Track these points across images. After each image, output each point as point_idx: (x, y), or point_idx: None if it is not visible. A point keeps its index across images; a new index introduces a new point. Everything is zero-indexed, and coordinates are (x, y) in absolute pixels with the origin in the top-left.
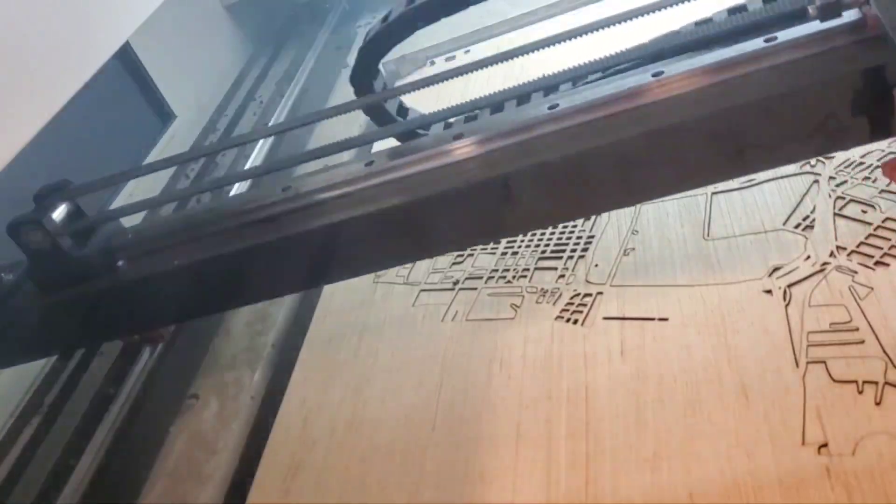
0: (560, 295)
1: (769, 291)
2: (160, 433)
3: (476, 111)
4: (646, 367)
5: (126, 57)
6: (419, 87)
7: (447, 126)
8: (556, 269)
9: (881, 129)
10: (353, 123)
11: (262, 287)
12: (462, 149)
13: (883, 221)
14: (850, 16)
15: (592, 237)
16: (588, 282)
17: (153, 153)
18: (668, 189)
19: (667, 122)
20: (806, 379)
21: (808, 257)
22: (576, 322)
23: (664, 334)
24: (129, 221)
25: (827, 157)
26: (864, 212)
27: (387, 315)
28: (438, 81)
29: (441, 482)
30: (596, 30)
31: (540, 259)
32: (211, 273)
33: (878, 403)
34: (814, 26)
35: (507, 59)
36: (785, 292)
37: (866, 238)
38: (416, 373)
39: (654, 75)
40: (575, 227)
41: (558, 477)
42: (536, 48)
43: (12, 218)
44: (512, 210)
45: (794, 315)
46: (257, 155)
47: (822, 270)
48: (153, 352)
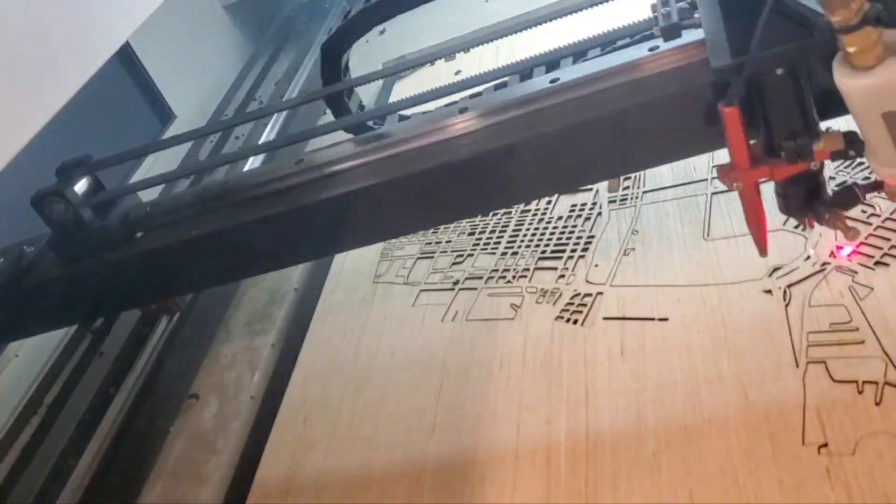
0: (560, 295)
1: (769, 291)
2: (160, 433)
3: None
4: (646, 367)
5: (126, 57)
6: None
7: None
8: (556, 269)
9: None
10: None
11: (275, 256)
12: (468, 122)
13: (883, 221)
14: (693, 35)
15: (592, 237)
16: (588, 282)
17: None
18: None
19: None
20: (806, 379)
21: (808, 257)
22: (576, 322)
23: (664, 334)
24: (146, 196)
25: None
26: (864, 212)
27: (387, 315)
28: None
29: (441, 482)
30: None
31: (540, 259)
32: (226, 243)
33: (878, 403)
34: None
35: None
36: (785, 292)
37: (866, 238)
38: (416, 373)
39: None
40: (575, 227)
41: (558, 477)
42: (526, 27)
43: (36, 190)
44: (516, 178)
45: (794, 315)
46: (270, 130)
47: (822, 270)
48: (169, 321)
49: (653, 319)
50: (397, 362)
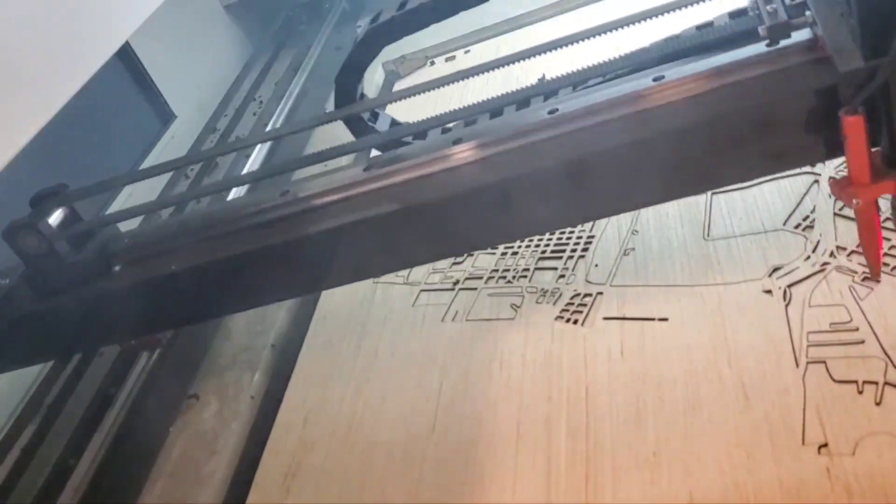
0: (560, 295)
1: (769, 291)
2: (160, 433)
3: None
4: (646, 367)
5: (126, 57)
6: (403, 97)
7: (445, 131)
8: (556, 269)
9: (835, 148)
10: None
11: (260, 292)
12: (461, 154)
13: (883, 221)
14: (801, 35)
15: (592, 237)
16: (588, 282)
17: (153, 153)
18: (667, 195)
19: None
20: (806, 379)
21: (808, 257)
22: (576, 322)
23: (664, 334)
24: (125, 226)
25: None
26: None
27: (387, 315)
28: (430, 89)
29: (441, 482)
30: (592, 36)
31: (540, 259)
32: (208, 278)
33: (878, 403)
34: (763, 47)
35: (502, 65)
36: (785, 292)
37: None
38: (416, 373)
39: (654, 79)
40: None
41: (558, 477)
42: (532, 55)
43: (8, 223)
44: (511, 216)
45: (794, 315)
46: (255, 158)
47: (822, 270)
48: (151, 356)
49: (653, 319)
50: (397, 362)
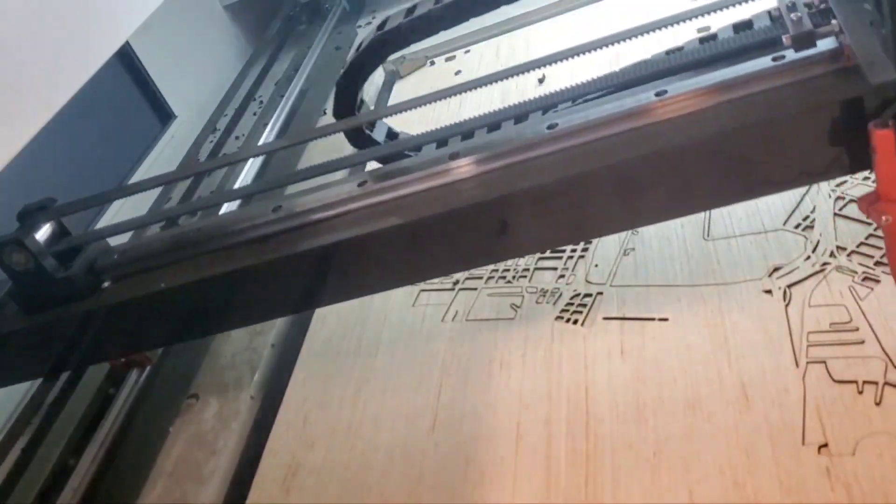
0: (560, 295)
1: (769, 291)
2: (160, 433)
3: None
4: (646, 367)
5: (126, 57)
6: (404, 109)
7: (441, 144)
8: (556, 269)
9: (860, 162)
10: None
11: (252, 311)
12: (458, 169)
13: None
14: (826, 45)
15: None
16: (588, 282)
17: (153, 153)
18: (672, 213)
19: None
20: (806, 379)
21: (808, 257)
22: (576, 322)
23: (664, 334)
24: (115, 239)
25: None
26: None
27: (387, 315)
28: (429, 102)
29: (441, 482)
30: (594, 49)
31: (540, 259)
32: (199, 296)
33: (878, 403)
34: (790, 55)
35: (501, 78)
36: (785, 292)
37: (866, 238)
38: (416, 373)
39: (657, 94)
40: None
41: (558, 477)
42: (531, 68)
43: None
44: (509, 234)
45: (794, 315)
46: (248, 169)
47: (822, 270)
48: (140, 375)
49: (653, 319)
50: (397, 362)
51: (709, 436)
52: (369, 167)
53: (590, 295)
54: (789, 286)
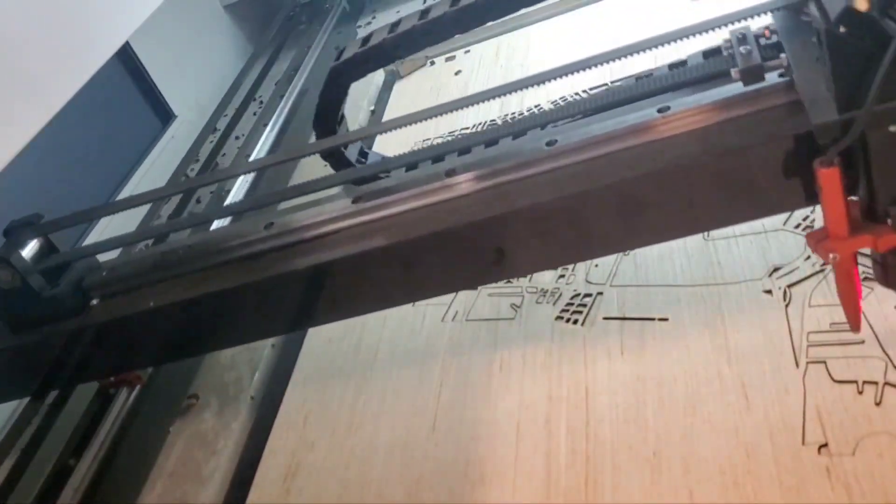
0: (560, 295)
1: (769, 291)
2: (160, 433)
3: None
4: (646, 367)
5: (126, 57)
6: (384, 130)
7: (438, 159)
8: (556, 269)
9: (814, 195)
10: None
11: (244, 330)
12: (454, 186)
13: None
14: (775, 78)
15: None
16: (588, 282)
17: (153, 153)
18: (674, 233)
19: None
20: (806, 379)
21: (808, 257)
22: (576, 322)
23: (664, 334)
24: (104, 255)
25: None
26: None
27: (387, 315)
28: (418, 121)
29: (441, 482)
30: (594, 65)
31: None
32: (189, 315)
33: (878, 403)
34: (740, 87)
35: (496, 96)
36: (785, 292)
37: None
38: (416, 373)
39: (659, 111)
40: None
41: (558, 477)
42: (529, 85)
43: None
44: (506, 255)
45: (794, 315)
46: (240, 185)
47: (822, 270)
48: (130, 394)
49: (653, 319)
50: (397, 362)
51: (709, 436)
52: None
53: (590, 295)
54: (789, 286)
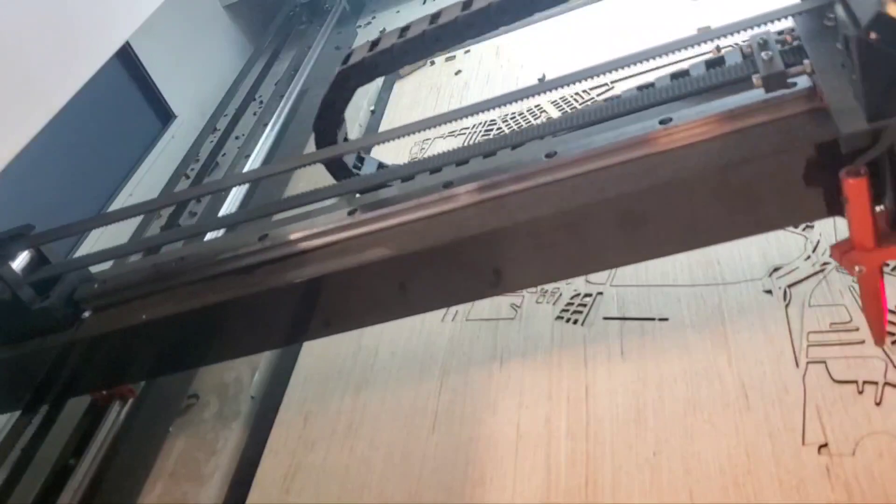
0: (560, 295)
1: (769, 291)
2: (160, 433)
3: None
4: (646, 367)
5: (126, 57)
6: (383, 140)
7: (435, 171)
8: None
9: (836, 206)
10: None
11: (237, 344)
12: (452, 198)
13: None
14: (802, 81)
15: None
16: (588, 282)
17: (153, 153)
18: (677, 247)
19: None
20: (806, 379)
21: (808, 257)
22: (576, 322)
23: (664, 334)
24: (96, 266)
25: None
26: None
27: None
28: (419, 130)
29: (441, 482)
30: (599, 74)
31: None
32: (182, 328)
33: (878, 403)
34: (760, 94)
35: (496, 106)
36: (785, 292)
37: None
38: (416, 373)
39: (661, 122)
40: None
41: (558, 477)
42: (527, 95)
43: None
44: (503, 270)
45: (794, 315)
46: (234, 194)
47: (822, 270)
48: (122, 407)
49: (653, 319)
50: (397, 362)
51: (709, 436)
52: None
53: (590, 295)
54: (789, 286)
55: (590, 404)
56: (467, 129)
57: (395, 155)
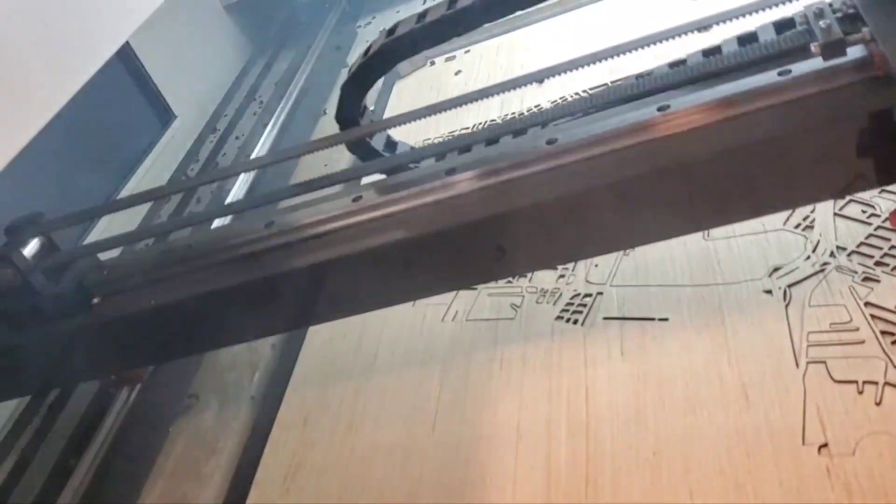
0: (560, 295)
1: (769, 291)
2: (160, 433)
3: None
4: (646, 367)
5: (126, 57)
6: (407, 121)
7: (438, 158)
8: (556, 269)
9: (890, 175)
10: (341, 150)
11: (244, 328)
12: (455, 185)
13: (883, 221)
14: (854, 53)
15: None
16: (588, 282)
17: (153, 153)
18: (674, 231)
19: (674, 159)
20: (806, 379)
21: (808, 257)
22: (576, 322)
23: (664, 334)
24: (105, 254)
25: None
26: (865, 212)
27: (387, 315)
28: (429, 114)
29: (441, 482)
30: (595, 61)
31: None
32: (189, 313)
33: (878, 403)
34: (818, 63)
35: (502, 91)
36: (785, 292)
37: (866, 238)
38: (416, 373)
39: (659, 109)
40: None
41: (558, 477)
42: (535, 79)
43: None
44: (506, 253)
45: (794, 315)
46: (242, 181)
47: (822, 270)
48: (130, 392)
49: (653, 319)
50: (397, 362)
51: (709, 436)
52: (364, 181)
53: (590, 295)
54: (789, 286)
55: (590, 404)
56: (468, 128)
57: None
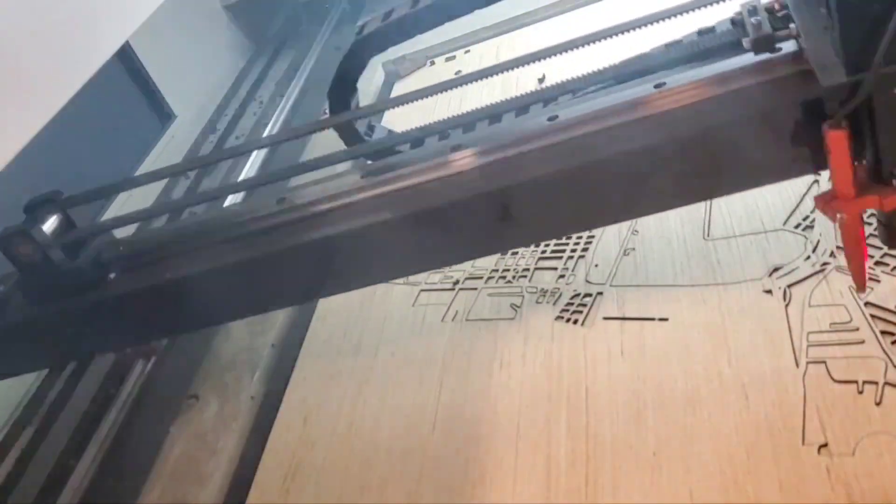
0: (560, 295)
1: (769, 291)
2: (160, 433)
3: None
4: (646, 367)
5: (126, 57)
6: (394, 105)
7: (443, 137)
8: (556, 269)
9: (823, 161)
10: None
11: (256, 301)
12: (460, 160)
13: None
14: (789, 47)
15: (592, 237)
16: (588, 282)
17: (153, 153)
18: (670, 203)
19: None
20: (806, 379)
21: (808, 257)
22: (576, 322)
23: (664, 334)
24: (121, 231)
25: None
26: (864, 211)
27: (387, 315)
28: (427, 95)
29: (441, 482)
30: (588, 43)
31: (540, 259)
32: (203, 287)
33: (878, 403)
34: (751, 57)
35: (501, 71)
36: (785, 292)
37: (866, 238)
38: (416, 373)
39: (656, 86)
40: None
41: (558, 477)
42: (532, 60)
43: (2, 229)
44: (511, 224)
45: (794, 315)
46: (252, 164)
47: (822, 270)
48: (146, 365)
49: (653, 319)
50: (397, 362)
51: (709, 436)
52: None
53: (590, 295)
54: (789, 286)
55: (590, 404)
56: None
57: None
